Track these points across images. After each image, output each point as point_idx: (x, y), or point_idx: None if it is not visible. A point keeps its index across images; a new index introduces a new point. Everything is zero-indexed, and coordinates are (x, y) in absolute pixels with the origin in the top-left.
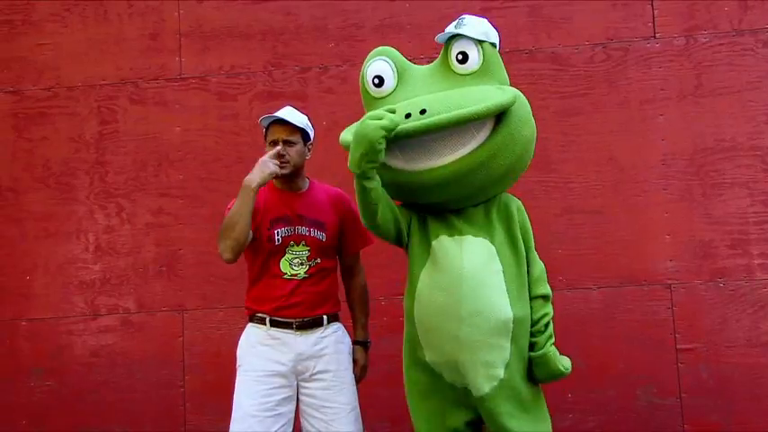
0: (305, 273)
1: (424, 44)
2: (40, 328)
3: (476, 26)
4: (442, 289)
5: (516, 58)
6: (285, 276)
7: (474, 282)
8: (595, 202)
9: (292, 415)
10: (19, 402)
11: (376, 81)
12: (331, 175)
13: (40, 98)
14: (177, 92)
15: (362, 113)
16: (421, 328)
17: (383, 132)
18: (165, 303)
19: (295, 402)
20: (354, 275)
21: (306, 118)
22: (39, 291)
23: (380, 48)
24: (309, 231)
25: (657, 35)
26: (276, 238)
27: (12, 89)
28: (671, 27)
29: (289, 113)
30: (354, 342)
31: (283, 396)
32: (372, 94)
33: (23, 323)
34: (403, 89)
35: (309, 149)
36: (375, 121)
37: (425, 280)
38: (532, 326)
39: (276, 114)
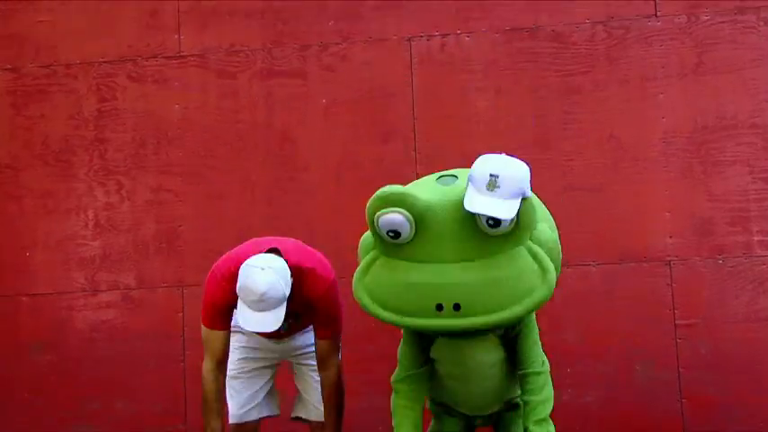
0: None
1: (425, 21)
2: (41, 303)
3: (510, 186)
4: (452, 377)
5: (517, 37)
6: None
7: (480, 373)
8: (596, 180)
9: (274, 371)
10: (20, 376)
11: (391, 234)
12: (330, 153)
13: (38, 76)
14: (176, 70)
15: (363, 94)
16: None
17: None
18: (164, 279)
19: (275, 367)
20: (325, 369)
21: (283, 288)
22: (39, 267)
23: (392, 191)
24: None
25: (659, 13)
26: None
27: (10, 67)
28: (672, 5)
29: (270, 319)
30: None
31: (264, 365)
32: (387, 241)
33: (24, 299)
34: (424, 241)
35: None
36: None
37: (438, 365)
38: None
39: (254, 329)
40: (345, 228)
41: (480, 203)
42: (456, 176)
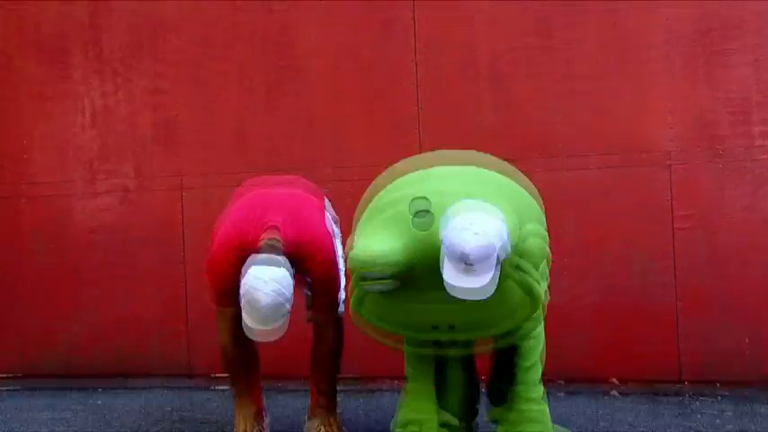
0: None
1: None
2: (40, 198)
3: (485, 266)
4: None
5: None
6: None
7: None
8: (596, 72)
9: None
10: (22, 269)
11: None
12: (326, 44)
13: None
14: None
15: None
16: None
17: None
18: (163, 173)
19: None
20: (320, 342)
21: (285, 305)
22: (37, 159)
23: (372, 265)
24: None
25: None
26: None
27: None
28: None
29: (274, 330)
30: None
31: None
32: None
33: (23, 199)
34: (411, 289)
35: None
36: None
37: None
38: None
39: (261, 338)
40: (345, 118)
41: (459, 288)
42: (429, 210)
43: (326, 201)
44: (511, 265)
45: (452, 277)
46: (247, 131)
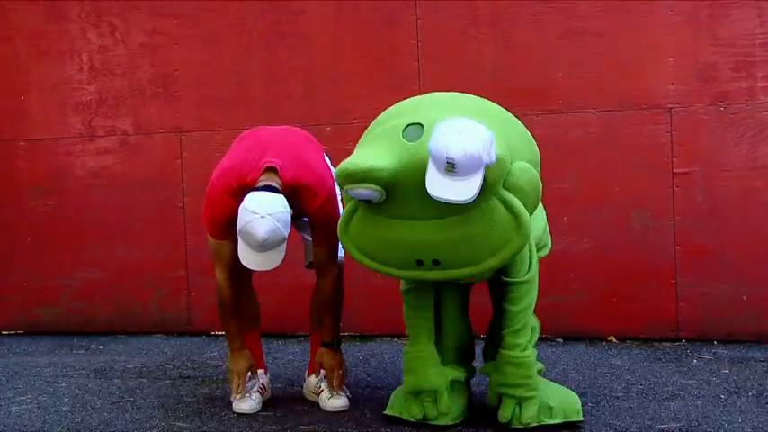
0: None
1: None
2: (39, 148)
3: (468, 168)
4: None
5: None
6: None
7: None
8: (599, 24)
9: None
10: (22, 220)
11: (363, 200)
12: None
13: None
14: None
15: None
16: None
17: None
18: (162, 125)
19: None
20: (322, 276)
21: (282, 233)
22: (34, 111)
23: (355, 169)
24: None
25: None
26: None
27: None
28: None
29: (271, 259)
30: (321, 344)
31: None
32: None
33: (21, 143)
34: (396, 198)
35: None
36: None
37: None
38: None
39: (256, 268)
40: (344, 73)
41: (439, 188)
42: (422, 125)
43: (327, 157)
44: (497, 191)
45: (434, 178)
46: (245, 86)
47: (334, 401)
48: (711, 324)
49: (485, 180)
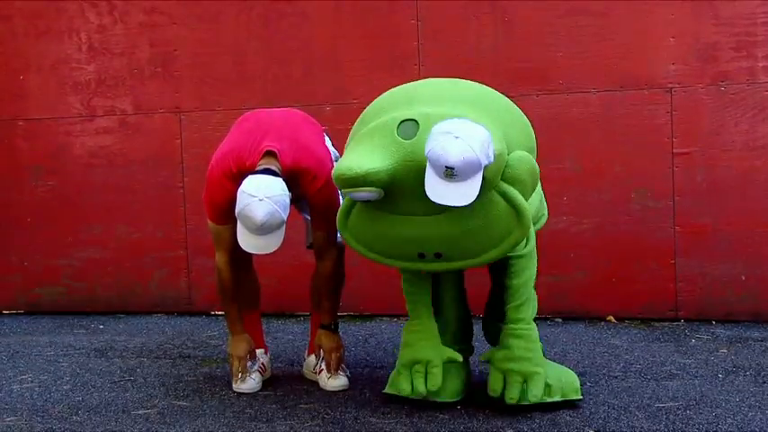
0: None
1: None
2: (38, 127)
3: (467, 172)
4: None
5: None
6: None
7: None
8: (600, 3)
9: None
10: (22, 200)
11: (363, 198)
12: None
13: None
14: None
15: None
16: None
17: None
18: (161, 105)
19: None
20: (321, 259)
21: (281, 216)
22: (33, 91)
23: (353, 175)
24: None
25: None
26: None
27: None
28: None
29: (270, 242)
30: (320, 326)
31: None
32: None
33: (20, 123)
34: (395, 196)
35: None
36: None
37: None
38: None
39: (254, 251)
40: (344, 52)
41: (440, 193)
42: (416, 122)
43: (326, 136)
44: (496, 184)
45: (434, 184)
46: (245, 66)
47: (334, 381)
48: (710, 304)
49: (483, 177)
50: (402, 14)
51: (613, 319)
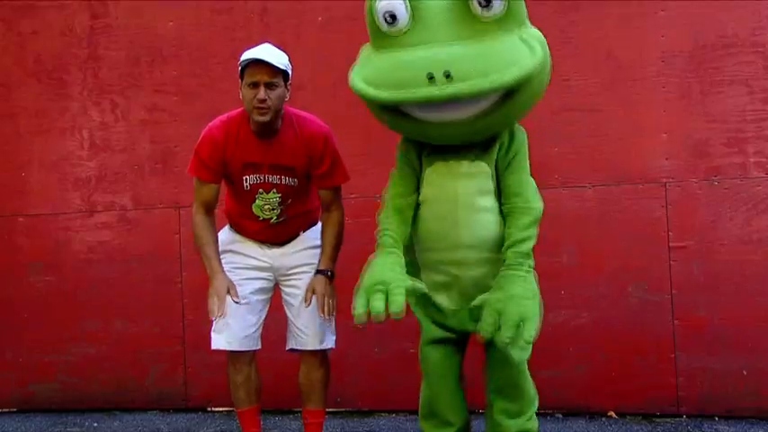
0: (276, 217)
1: None
2: (38, 223)
3: None
4: (439, 218)
5: None
6: (258, 219)
7: (469, 209)
8: (593, 100)
9: (267, 305)
10: (19, 296)
11: (388, 19)
12: (326, 71)
13: None
14: None
15: (359, 10)
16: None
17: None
18: (161, 200)
19: (271, 294)
20: (329, 211)
21: (286, 57)
22: (35, 187)
23: None
24: (281, 179)
25: None
26: (245, 184)
27: None
28: None
29: (270, 53)
30: (316, 271)
31: (259, 287)
32: (384, 31)
33: (20, 219)
34: (418, 29)
35: (289, 90)
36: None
37: (424, 210)
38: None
39: (257, 56)
40: (340, 147)
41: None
42: None
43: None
44: (514, 21)
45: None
46: None
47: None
48: (712, 399)
49: (508, 8)
50: None
51: (614, 415)
